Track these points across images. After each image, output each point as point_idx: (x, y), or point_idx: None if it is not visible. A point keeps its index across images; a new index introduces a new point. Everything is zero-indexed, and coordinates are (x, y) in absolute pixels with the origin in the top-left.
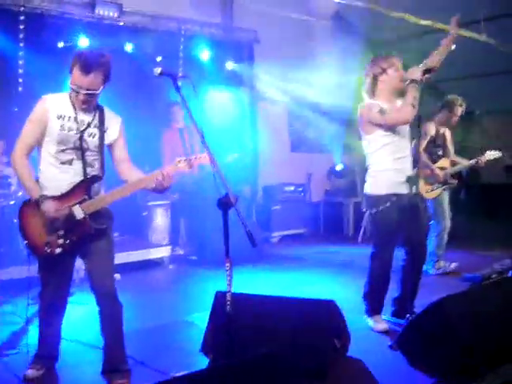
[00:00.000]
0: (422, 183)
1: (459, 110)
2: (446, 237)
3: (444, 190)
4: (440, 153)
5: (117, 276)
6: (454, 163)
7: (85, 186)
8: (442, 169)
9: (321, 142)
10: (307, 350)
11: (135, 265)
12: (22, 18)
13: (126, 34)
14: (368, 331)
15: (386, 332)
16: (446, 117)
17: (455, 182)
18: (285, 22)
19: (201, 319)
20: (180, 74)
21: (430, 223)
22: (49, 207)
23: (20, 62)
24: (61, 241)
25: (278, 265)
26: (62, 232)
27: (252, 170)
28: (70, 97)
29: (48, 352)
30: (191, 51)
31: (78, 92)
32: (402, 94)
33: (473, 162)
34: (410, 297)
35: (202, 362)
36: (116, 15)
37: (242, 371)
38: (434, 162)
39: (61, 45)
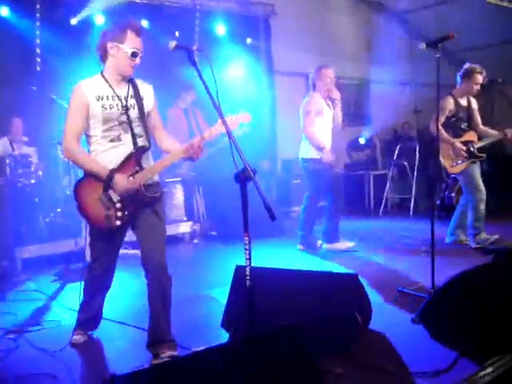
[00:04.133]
0: (445, 158)
1: (479, 78)
2: (482, 208)
3: (472, 163)
4: (464, 126)
5: (138, 252)
6: (481, 135)
7: (135, 158)
8: (467, 142)
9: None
10: (329, 323)
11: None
12: None
13: (141, 10)
14: (390, 305)
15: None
16: (467, 87)
17: (483, 155)
18: None
19: (221, 294)
20: (195, 48)
21: (465, 197)
22: (122, 181)
23: (37, 41)
24: (119, 213)
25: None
26: (119, 205)
27: (270, 143)
28: (103, 76)
29: (91, 320)
30: (207, 27)
31: (135, 56)
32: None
33: (500, 134)
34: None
35: (223, 337)
36: None
37: (262, 344)
38: (459, 136)
39: (74, 21)
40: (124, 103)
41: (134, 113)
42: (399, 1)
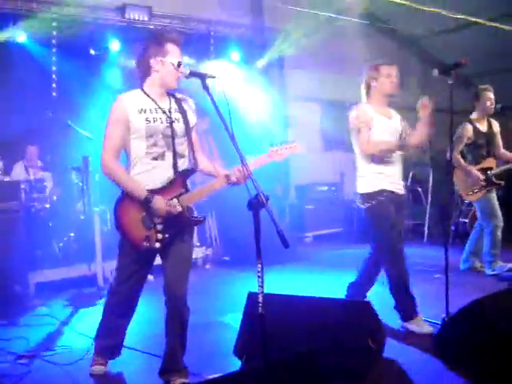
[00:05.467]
0: (461, 186)
1: (488, 94)
2: (499, 235)
3: (489, 191)
4: (483, 153)
5: (150, 277)
6: (501, 158)
7: (182, 180)
8: (486, 169)
9: None
10: (342, 351)
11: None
12: (54, 24)
13: None
14: (404, 332)
15: (429, 334)
16: (480, 107)
17: (501, 182)
18: (315, 20)
19: (234, 320)
20: (208, 74)
21: (480, 223)
22: (160, 204)
23: (53, 68)
24: (159, 235)
25: (311, 265)
26: (160, 226)
27: (283, 169)
28: (143, 91)
29: (111, 348)
30: (221, 52)
31: (180, 65)
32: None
33: None
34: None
35: (235, 364)
36: (146, 18)
37: (275, 372)
38: (478, 163)
39: (93, 52)
40: (169, 115)
41: (179, 127)
42: (411, 27)
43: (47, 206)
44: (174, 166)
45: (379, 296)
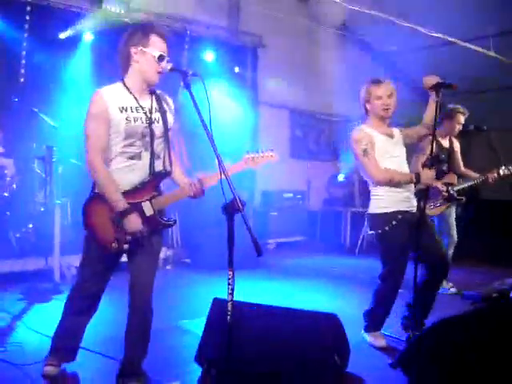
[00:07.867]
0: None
1: (461, 118)
2: (451, 253)
3: (449, 206)
4: (444, 168)
5: None
6: (462, 176)
7: (155, 183)
8: (447, 184)
9: (321, 150)
10: (307, 364)
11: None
12: (28, 9)
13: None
14: (367, 347)
15: (384, 348)
16: (448, 127)
17: (462, 198)
18: (291, 28)
19: (194, 325)
20: (190, 72)
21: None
22: (135, 222)
23: (23, 53)
24: (129, 237)
25: (274, 272)
26: None
27: (249, 174)
28: (125, 84)
29: (69, 350)
30: (196, 52)
31: (162, 59)
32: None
33: (481, 177)
34: (422, 313)
35: (195, 371)
36: (122, 12)
37: None
38: (440, 178)
39: (63, 36)
40: (149, 116)
41: (157, 128)
42: (386, 42)
43: (6, 194)
44: (151, 166)
45: (345, 312)
